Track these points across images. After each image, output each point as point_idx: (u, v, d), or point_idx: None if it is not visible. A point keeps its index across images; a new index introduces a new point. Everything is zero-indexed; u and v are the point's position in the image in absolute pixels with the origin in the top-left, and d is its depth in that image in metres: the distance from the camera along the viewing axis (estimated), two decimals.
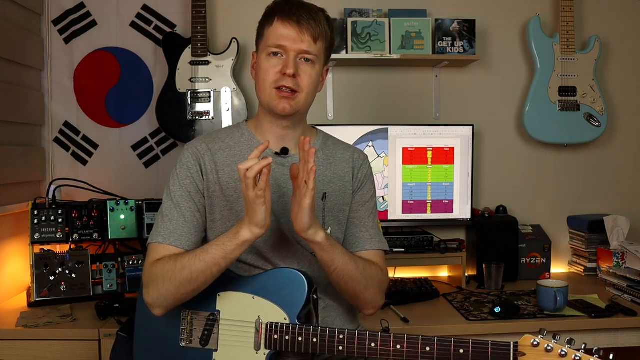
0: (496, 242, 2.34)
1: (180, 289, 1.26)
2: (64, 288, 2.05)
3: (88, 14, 2.41)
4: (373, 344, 1.23)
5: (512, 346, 1.16)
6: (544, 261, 2.42)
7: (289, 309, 1.28)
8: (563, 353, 1.13)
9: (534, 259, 2.42)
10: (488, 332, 1.84)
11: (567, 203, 2.60)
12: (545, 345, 1.14)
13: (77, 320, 1.88)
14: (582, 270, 2.47)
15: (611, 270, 2.25)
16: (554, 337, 1.16)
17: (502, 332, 1.84)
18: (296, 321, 1.28)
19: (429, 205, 2.38)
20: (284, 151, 1.42)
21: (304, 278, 1.29)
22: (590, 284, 2.34)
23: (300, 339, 1.25)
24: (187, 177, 1.39)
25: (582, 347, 1.14)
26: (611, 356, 1.12)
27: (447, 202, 2.38)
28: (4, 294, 2.10)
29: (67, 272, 2.07)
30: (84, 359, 1.80)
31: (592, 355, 1.13)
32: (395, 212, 2.36)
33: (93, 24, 2.41)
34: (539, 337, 1.16)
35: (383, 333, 1.24)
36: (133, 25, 2.42)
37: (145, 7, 2.42)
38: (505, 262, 2.26)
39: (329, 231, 1.42)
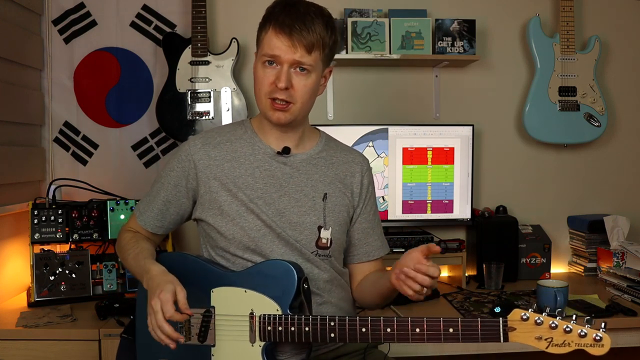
0: (496, 242, 2.34)
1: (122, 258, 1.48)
2: (64, 288, 2.05)
3: (88, 14, 2.41)
4: (364, 329, 1.25)
5: (501, 322, 1.18)
6: (544, 261, 2.42)
7: (280, 300, 1.30)
8: (554, 325, 1.14)
9: (534, 259, 2.42)
10: None
11: (567, 203, 2.60)
12: (535, 319, 1.15)
13: (77, 320, 1.88)
14: (582, 270, 2.47)
15: (611, 270, 2.25)
16: (543, 310, 1.16)
17: None
18: (288, 312, 1.29)
19: (429, 205, 2.37)
20: (286, 150, 1.43)
21: (293, 268, 1.31)
22: (590, 284, 2.33)
23: (292, 328, 1.28)
24: (175, 171, 1.45)
25: (573, 317, 1.15)
26: (602, 324, 1.14)
27: (447, 202, 2.38)
28: (4, 294, 2.10)
29: (67, 272, 2.07)
30: (84, 359, 1.79)
31: (584, 325, 1.13)
32: (395, 212, 2.36)
33: (93, 24, 2.41)
34: (529, 310, 1.17)
35: (373, 317, 1.26)
36: (133, 25, 2.42)
37: (145, 7, 2.41)
38: (505, 262, 2.26)
39: (329, 231, 1.43)
